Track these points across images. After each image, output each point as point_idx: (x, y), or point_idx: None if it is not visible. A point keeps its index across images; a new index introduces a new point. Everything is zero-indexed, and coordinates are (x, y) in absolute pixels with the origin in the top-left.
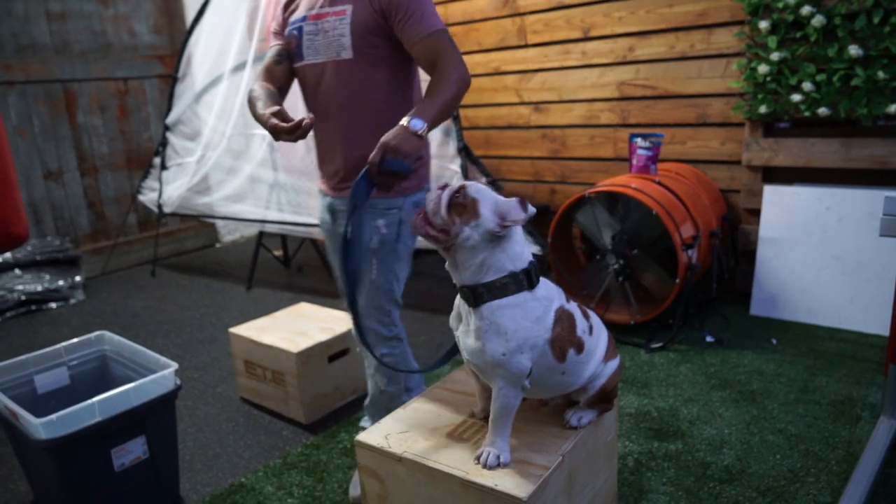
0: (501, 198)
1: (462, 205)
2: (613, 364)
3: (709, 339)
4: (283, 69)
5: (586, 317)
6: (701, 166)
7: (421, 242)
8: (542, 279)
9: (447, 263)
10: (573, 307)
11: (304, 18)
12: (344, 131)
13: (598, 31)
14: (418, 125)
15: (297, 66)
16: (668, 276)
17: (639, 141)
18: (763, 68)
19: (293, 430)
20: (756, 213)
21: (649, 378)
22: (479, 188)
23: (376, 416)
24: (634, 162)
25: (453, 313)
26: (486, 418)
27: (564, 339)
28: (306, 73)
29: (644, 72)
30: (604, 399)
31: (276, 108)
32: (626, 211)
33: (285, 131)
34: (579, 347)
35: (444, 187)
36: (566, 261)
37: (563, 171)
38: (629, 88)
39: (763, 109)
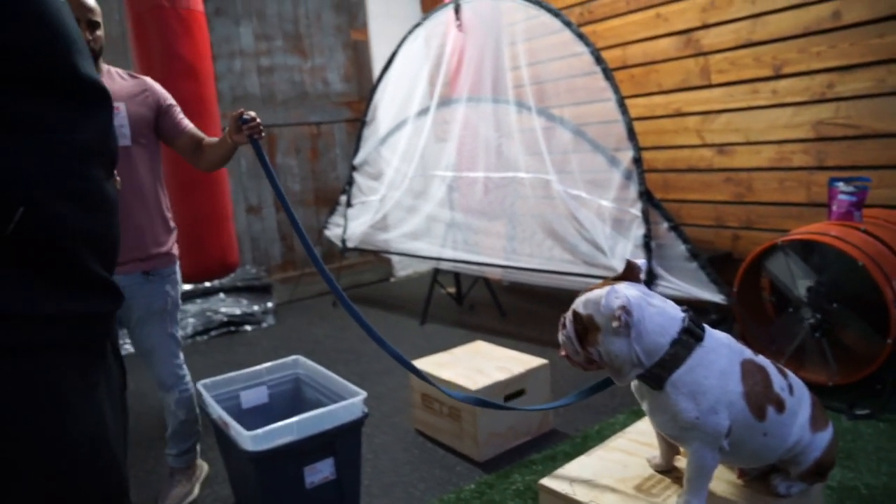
0: (594, 294)
1: (585, 328)
2: (826, 435)
3: None
4: None
5: (783, 374)
6: None
7: None
8: (710, 330)
9: (608, 370)
10: (764, 361)
11: None
12: (129, 207)
13: (792, 68)
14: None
15: None
16: (876, 334)
17: (840, 185)
18: None
19: (466, 467)
20: None
21: (854, 449)
22: (583, 301)
23: (181, 444)
24: (835, 208)
25: (635, 385)
26: (666, 471)
27: (760, 395)
28: None
29: (845, 109)
30: (818, 473)
31: None
32: (824, 261)
33: None
34: (779, 405)
35: (563, 325)
36: (753, 312)
37: (748, 216)
38: (827, 128)
39: None
